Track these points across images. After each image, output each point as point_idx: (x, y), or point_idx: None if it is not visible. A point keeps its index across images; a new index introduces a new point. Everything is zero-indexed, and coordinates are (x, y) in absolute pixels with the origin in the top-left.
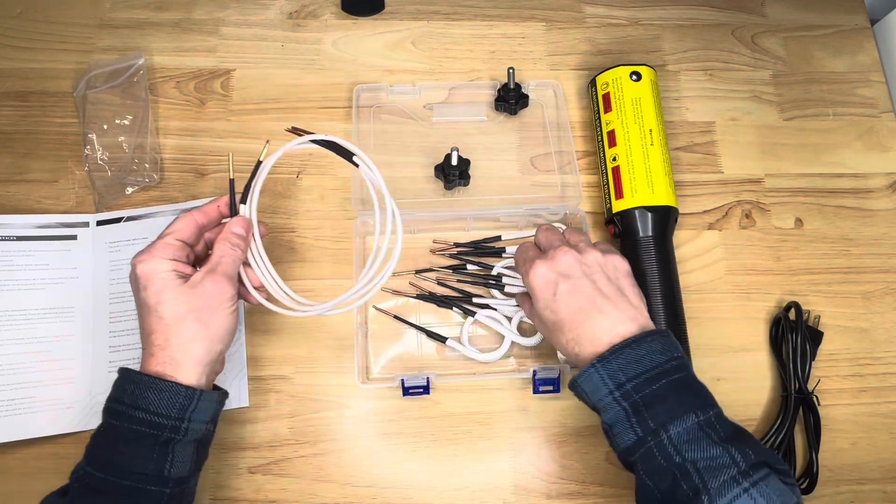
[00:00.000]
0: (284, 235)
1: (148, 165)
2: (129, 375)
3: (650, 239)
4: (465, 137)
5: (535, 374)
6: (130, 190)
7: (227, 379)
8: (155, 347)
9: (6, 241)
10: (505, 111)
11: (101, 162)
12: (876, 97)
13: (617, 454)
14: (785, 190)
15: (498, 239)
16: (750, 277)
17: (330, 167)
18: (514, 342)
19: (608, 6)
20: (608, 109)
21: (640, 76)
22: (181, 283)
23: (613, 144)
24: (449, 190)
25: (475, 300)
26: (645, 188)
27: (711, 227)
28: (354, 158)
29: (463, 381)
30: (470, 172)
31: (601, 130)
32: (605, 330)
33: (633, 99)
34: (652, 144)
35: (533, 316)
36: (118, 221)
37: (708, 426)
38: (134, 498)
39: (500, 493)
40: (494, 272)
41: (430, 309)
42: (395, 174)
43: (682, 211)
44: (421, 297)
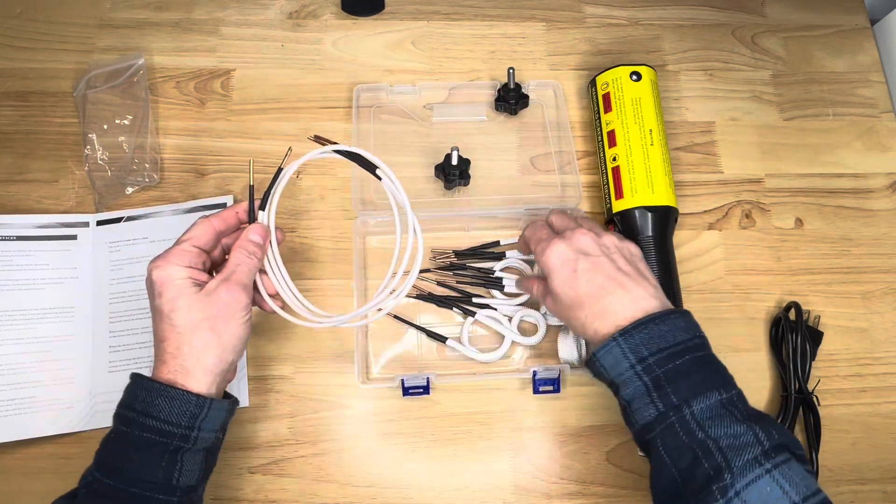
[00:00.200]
0: (285, 235)
1: (148, 165)
2: (140, 382)
3: (650, 239)
4: (465, 137)
5: (535, 374)
6: (130, 190)
7: None
8: (167, 355)
9: (6, 241)
10: (505, 111)
11: (101, 162)
12: (876, 97)
13: (633, 432)
14: (785, 190)
15: (496, 245)
16: (750, 277)
17: (330, 167)
18: (514, 342)
19: (608, 6)
20: (608, 109)
21: (640, 76)
22: (196, 290)
23: (613, 144)
24: (449, 190)
25: (475, 300)
26: (645, 188)
27: (711, 227)
28: (378, 172)
29: (463, 381)
30: (470, 172)
31: (601, 130)
32: (627, 305)
33: (633, 99)
34: (652, 144)
35: (545, 296)
36: (118, 221)
37: (730, 404)
38: None
39: (500, 493)
40: (495, 274)
41: (430, 309)
42: (395, 174)
43: (682, 211)
44: (421, 297)
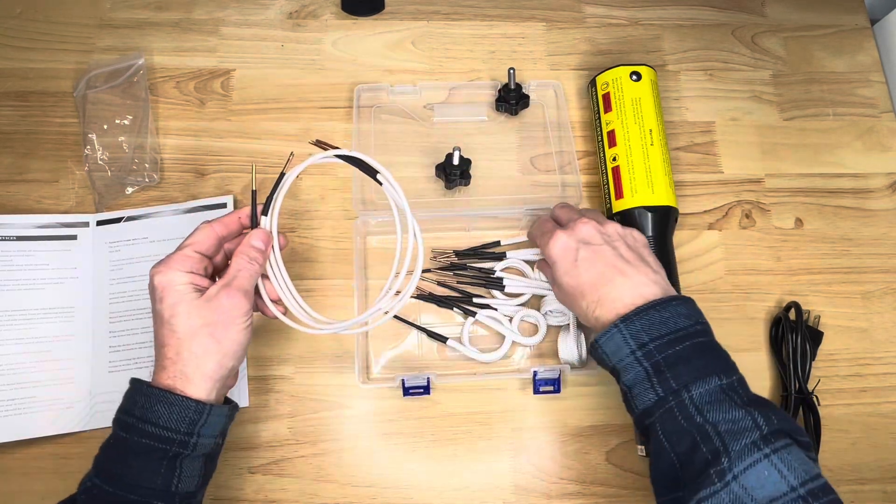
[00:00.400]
0: (288, 240)
1: (148, 165)
2: (139, 387)
3: (650, 239)
4: (465, 137)
5: (535, 374)
6: (130, 190)
7: None
8: (167, 360)
9: (6, 241)
10: (505, 111)
11: (101, 162)
12: (876, 97)
13: (634, 418)
14: (785, 190)
15: (497, 244)
16: (750, 277)
17: (330, 167)
18: (514, 342)
19: (608, 6)
20: (608, 109)
21: (640, 76)
22: (196, 296)
23: (613, 144)
24: (449, 189)
25: (476, 300)
26: (645, 188)
27: (711, 227)
28: (378, 177)
29: (463, 381)
30: (470, 172)
31: (601, 130)
32: (627, 291)
33: (633, 99)
34: (652, 144)
35: (553, 284)
36: (118, 221)
37: (731, 389)
38: None
39: (500, 493)
40: (495, 274)
41: (430, 309)
42: (395, 174)
43: (682, 211)
44: (421, 297)
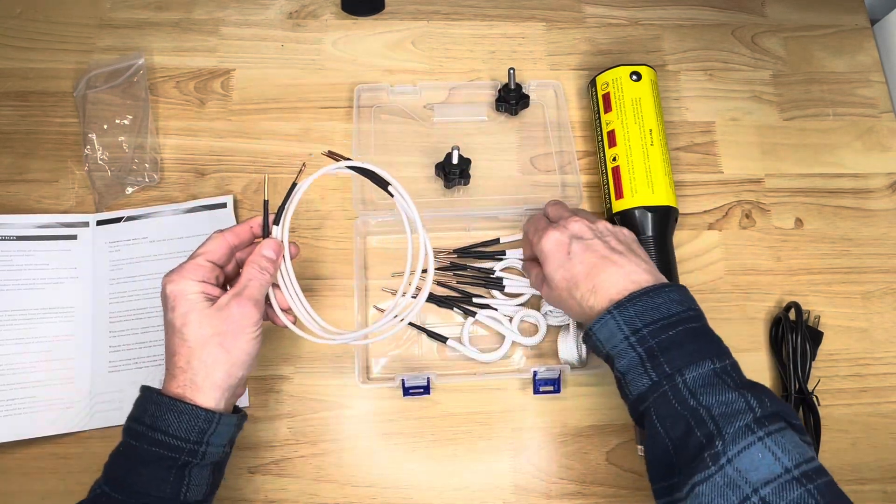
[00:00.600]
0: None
1: (148, 165)
2: (150, 395)
3: (650, 239)
4: (465, 137)
5: (535, 374)
6: (130, 190)
7: None
8: (177, 369)
9: (6, 241)
10: (505, 111)
11: (101, 162)
12: (876, 97)
13: (629, 404)
14: (785, 190)
15: (496, 242)
16: (750, 277)
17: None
18: (514, 342)
19: (608, 6)
20: (608, 109)
21: (640, 76)
22: (207, 305)
23: (613, 144)
24: (449, 188)
25: (476, 300)
26: (645, 188)
27: (711, 227)
28: (390, 188)
29: (463, 381)
30: (470, 172)
31: (601, 130)
32: (621, 279)
33: (633, 99)
34: (652, 144)
35: (541, 284)
36: (118, 221)
37: (724, 373)
38: None
39: (500, 493)
40: (495, 274)
41: (430, 309)
42: (395, 174)
43: (682, 211)
44: (415, 296)
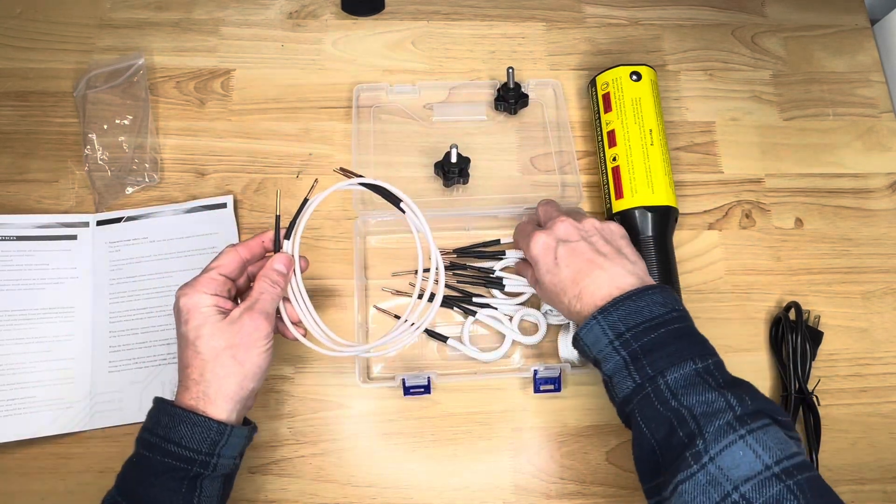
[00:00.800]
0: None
1: (148, 165)
2: (163, 407)
3: (650, 239)
4: (465, 137)
5: (535, 373)
6: (130, 190)
7: None
8: (190, 381)
9: (6, 241)
10: (505, 111)
11: (101, 162)
12: (876, 97)
13: (616, 407)
14: (785, 190)
15: (497, 243)
16: (750, 277)
17: (329, 167)
18: (514, 341)
19: (608, 6)
20: (608, 109)
21: (640, 76)
22: (220, 318)
23: (613, 144)
24: (448, 187)
25: (476, 300)
26: (645, 188)
27: (711, 227)
28: (402, 205)
29: (464, 380)
30: (470, 172)
31: (601, 130)
32: (605, 284)
33: (633, 99)
34: (652, 144)
35: (536, 285)
36: (118, 221)
37: (706, 373)
38: None
39: (500, 493)
40: (495, 274)
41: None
42: (395, 174)
43: (682, 211)
44: (421, 297)
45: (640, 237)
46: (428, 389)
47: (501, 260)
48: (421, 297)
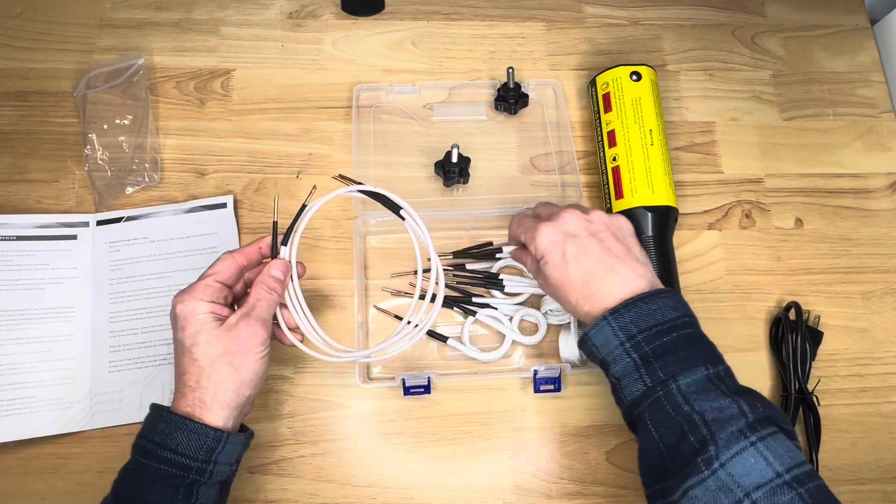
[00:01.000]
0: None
1: (148, 165)
2: (160, 413)
3: (650, 239)
4: (465, 137)
5: (535, 373)
6: (130, 190)
7: None
8: (186, 388)
9: (6, 241)
10: (505, 111)
11: (101, 162)
12: (876, 97)
13: (623, 409)
14: (785, 190)
15: (490, 245)
16: (750, 277)
17: (329, 167)
18: (514, 341)
19: (608, 6)
20: (608, 109)
21: (640, 76)
22: (217, 325)
23: (613, 144)
24: (448, 187)
25: (476, 299)
26: (645, 188)
27: (711, 227)
28: (402, 212)
29: (464, 380)
30: (470, 172)
31: (601, 130)
32: (616, 287)
33: (633, 99)
34: (652, 144)
35: (537, 274)
36: (118, 221)
37: (717, 379)
38: None
39: (500, 493)
40: (495, 273)
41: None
42: (395, 174)
43: (682, 211)
44: (422, 297)
45: (640, 237)
46: (428, 389)
47: (500, 260)
48: (422, 297)
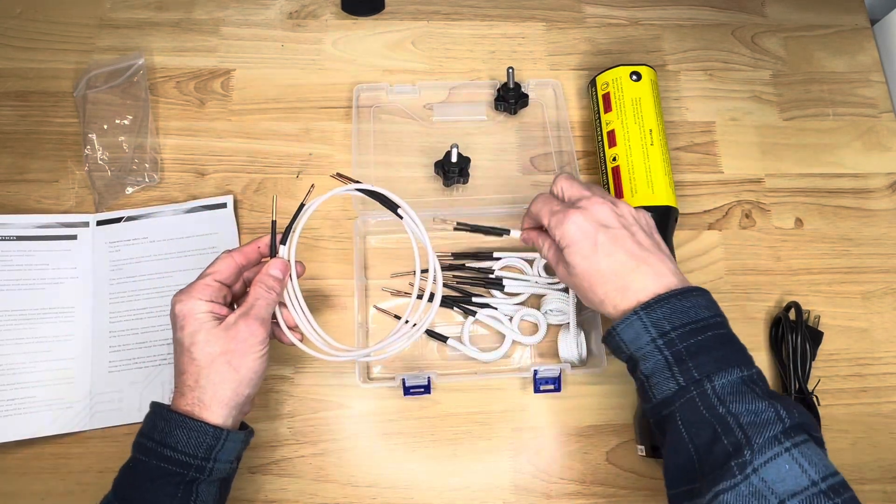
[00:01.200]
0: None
1: (148, 165)
2: (160, 411)
3: None
4: (465, 137)
5: (535, 373)
6: (130, 190)
7: None
8: (186, 387)
9: (6, 241)
10: (505, 111)
11: (101, 162)
12: (876, 97)
13: (650, 408)
14: (785, 190)
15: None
16: (750, 277)
17: (329, 167)
18: (514, 341)
19: (608, 6)
20: (608, 109)
21: (640, 76)
22: (215, 324)
23: (613, 144)
24: (448, 187)
25: (476, 299)
26: (645, 188)
27: (711, 227)
28: (399, 211)
29: (464, 380)
30: (470, 172)
31: (601, 130)
32: (650, 282)
33: (633, 99)
34: (652, 144)
35: (557, 262)
36: (118, 221)
37: (751, 381)
38: None
39: (500, 493)
40: (495, 274)
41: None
42: (395, 174)
43: (682, 211)
44: (421, 297)
45: None
46: (428, 389)
47: (500, 260)
48: (420, 297)
